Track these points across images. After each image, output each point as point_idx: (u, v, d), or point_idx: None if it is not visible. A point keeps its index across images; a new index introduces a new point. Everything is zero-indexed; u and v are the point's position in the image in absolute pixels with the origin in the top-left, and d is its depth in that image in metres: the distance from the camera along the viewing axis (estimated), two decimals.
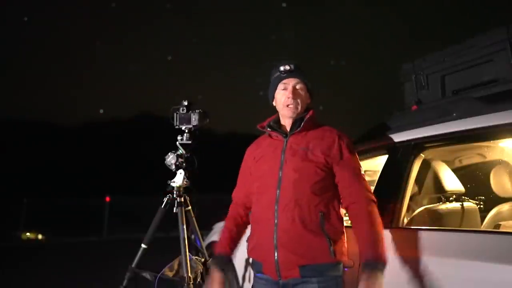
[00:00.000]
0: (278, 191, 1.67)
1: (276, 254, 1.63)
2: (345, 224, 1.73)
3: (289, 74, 1.77)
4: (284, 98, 1.77)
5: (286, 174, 1.68)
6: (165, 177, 2.21)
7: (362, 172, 1.73)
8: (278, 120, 1.86)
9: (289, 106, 1.76)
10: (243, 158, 1.94)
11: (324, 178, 1.68)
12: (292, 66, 1.77)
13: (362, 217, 1.62)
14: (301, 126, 1.75)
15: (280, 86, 1.79)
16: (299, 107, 1.78)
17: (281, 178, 1.69)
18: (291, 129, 1.79)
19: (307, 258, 1.61)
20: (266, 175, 1.75)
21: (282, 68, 1.77)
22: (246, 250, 1.81)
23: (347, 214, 1.73)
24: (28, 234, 10.82)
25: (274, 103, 1.86)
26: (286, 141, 1.76)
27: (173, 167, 2.19)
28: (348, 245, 1.71)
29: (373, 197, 1.69)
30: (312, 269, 1.61)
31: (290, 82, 1.77)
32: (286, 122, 1.82)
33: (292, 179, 1.67)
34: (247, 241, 1.81)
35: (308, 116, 1.76)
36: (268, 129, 1.83)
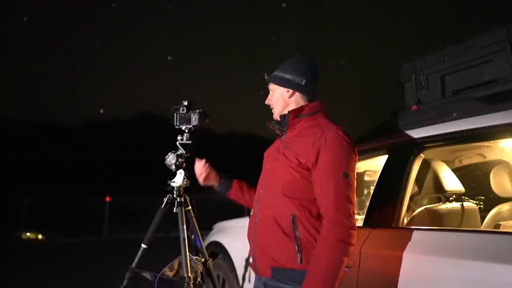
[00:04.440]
0: (262, 189, 1.73)
1: (254, 251, 1.68)
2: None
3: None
4: None
5: (268, 174, 1.73)
6: (165, 177, 2.21)
7: (345, 176, 1.51)
8: None
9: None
10: None
11: (298, 180, 1.58)
12: (266, 75, 1.82)
13: (320, 243, 1.48)
14: (287, 123, 1.72)
15: None
16: (274, 108, 1.80)
17: (266, 177, 1.74)
18: (282, 126, 1.77)
19: (276, 261, 1.58)
20: (262, 174, 1.81)
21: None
22: (245, 251, 1.84)
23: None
24: (28, 234, 10.82)
25: None
26: (281, 140, 1.77)
27: (173, 167, 2.18)
28: None
29: (341, 217, 1.48)
30: (282, 273, 1.57)
31: (269, 88, 1.84)
32: None
33: (269, 179, 1.70)
34: None
35: (290, 114, 1.70)
36: (271, 127, 1.83)
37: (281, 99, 1.77)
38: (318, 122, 1.67)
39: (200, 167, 2.03)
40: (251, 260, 1.75)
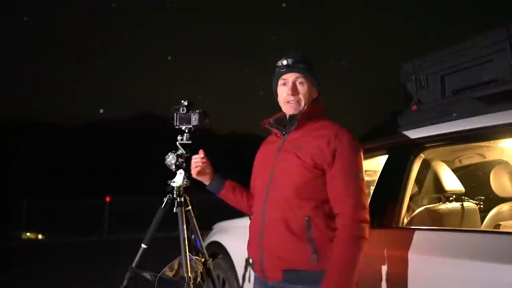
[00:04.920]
0: (267, 191, 1.65)
1: (261, 255, 1.62)
2: None
3: (288, 69, 1.69)
4: (284, 95, 1.71)
5: (275, 175, 1.65)
6: (165, 177, 2.21)
7: (359, 176, 1.58)
8: (284, 117, 1.79)
9: (289, 103, 1.70)
10: None
11: (311, 180, 1.58)
12: (290, 60, 1.68)
13: (341, 240, 1.50)
14: (296, 123, 1.68)
15: (280, 81, 1.73)
16: (302, 103, 1.69)
17: (271, 178, 1.65)
18: (288, 126, 1.72)
19: (289, 263, 1.56)
20: (261, 175, 1.74)
21: (280, 63, 1.70)
22: (245, 251, 1.81)
23: None
24: (28, 234, 10.83)
25: (278, 100, 1.79)
26: (284, 140, 1.72)
27: (173, 167, 2.18)
28: None
29: (360, 214, 1.52)
30: (295, 275, 1.55)
31: (290, 77, 1.70)
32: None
33: (278, 179, 1.63)
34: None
35: (302, 113, 1.68)
36: (269, 125, 1.77)
37: (308, 95, 1.71)
38: (324, 123, 1.69)
39: (198, 159, 1.90)
40: (254, 263, 1.69)
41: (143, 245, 2.18)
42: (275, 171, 1.66)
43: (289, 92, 1.69)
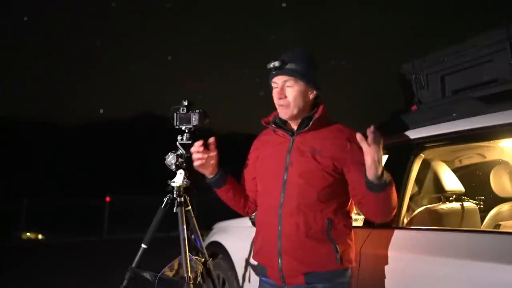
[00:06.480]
0: (282, 195, 1.60)
1: (280, 261, 1.58)
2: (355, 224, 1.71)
3: (277, 71, 1.64)
4: (275, 98, 1.66)
5: (291, 178, 1.60)
6: (165, 177, 2.21)
7: None
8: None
9: (281, 106, 1.65)
10: (248, 155, 1.86)
11: (332, 184, 1.58)
12: (277, 63, 1.61)
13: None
14: (309, 125, 1.63)
15: (272, 85, 1.68)
16: (291, 107, 1.63)
17: (286, 181, 1.60)
18: (298, 127, 1.68)
19: (312, 266, 1.56)
20: (271, 177, 1.67)
21: (269, 66, 1.64)
22: (245, 251, 1.81)
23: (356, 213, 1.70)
24: (28, 234, 10.84)
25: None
26: (293, 141, 1.66)
27: (173, 167, 2.18)
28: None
29: None
30: (317, 276, 1.56)
31: (278, 81, 1.64)
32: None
33: (298, 183, 1.58)
34: (252, 243, 1.80)
35: (317, 115, 1.64)
36: (273, 125, 1.72)
37: (300, 98, 1.63)
38: (336, 126, 1.68)
39: (198, 154, 1.73)
40: (268, 270, 1.66)
41: (143, 245, 2.18)
42: (290, 174, 1.61)
43: (277, 96, 1.65)
